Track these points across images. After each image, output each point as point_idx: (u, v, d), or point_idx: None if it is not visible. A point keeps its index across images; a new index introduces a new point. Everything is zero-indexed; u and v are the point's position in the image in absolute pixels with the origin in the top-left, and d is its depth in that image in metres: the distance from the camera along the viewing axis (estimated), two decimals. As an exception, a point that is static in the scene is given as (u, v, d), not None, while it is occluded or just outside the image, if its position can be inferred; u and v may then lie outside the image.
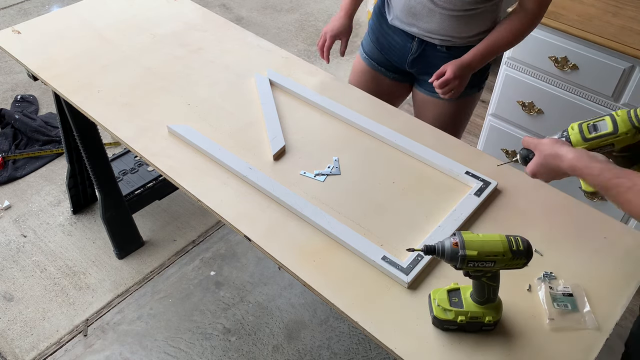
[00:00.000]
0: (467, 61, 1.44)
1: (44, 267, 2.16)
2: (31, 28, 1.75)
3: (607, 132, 1.00)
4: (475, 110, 2.97)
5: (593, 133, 1.01)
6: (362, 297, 1.04)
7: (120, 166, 2.25)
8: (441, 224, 1.16)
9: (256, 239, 1.14)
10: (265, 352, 1.90)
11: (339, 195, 1.24)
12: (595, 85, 1.87)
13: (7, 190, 2.48)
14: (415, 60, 1.59)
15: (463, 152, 1.34)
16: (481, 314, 0.96)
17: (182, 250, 2.24)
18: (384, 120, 1.42)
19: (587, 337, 0.98)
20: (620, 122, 0.99)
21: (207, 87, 1.54)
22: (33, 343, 1.91)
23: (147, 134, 1.39)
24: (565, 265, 1.10)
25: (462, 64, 1.44)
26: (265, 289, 2.09)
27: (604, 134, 1.01)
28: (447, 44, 1.51)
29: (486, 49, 1.44)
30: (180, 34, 1.76)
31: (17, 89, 3.07)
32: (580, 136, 1.03)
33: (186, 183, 1.27)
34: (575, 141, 1.04)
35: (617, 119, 1.00)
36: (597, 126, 1.02)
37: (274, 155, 1.32)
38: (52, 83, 1.54)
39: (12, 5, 3.83)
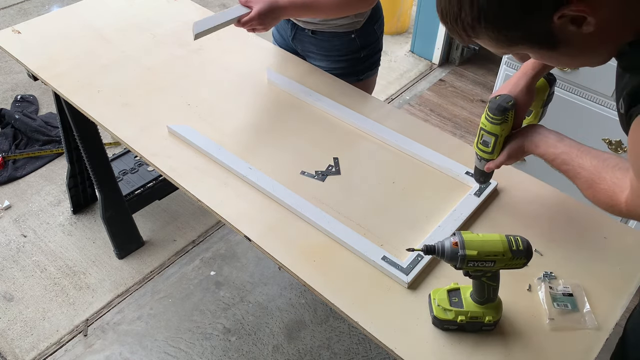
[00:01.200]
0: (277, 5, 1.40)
1: (44, 267, 2.16)
2: (31, 28, 1.75)
3: (494, 140, 1.06)
4: (475, 110, 2.99)
5: (489, 146, 1.08)
6: (362, 297, 1.04)
7: (120, 166, 2.25)
8: (441, 224, 1.16)
9: (256, 239, 1.14)
10: (265, 352, 1.90)
11: (339, 195, 1.24)
12: (595, 85, 1.87)
13: (7, 190, 2.48)
14: (294, 41, 1.69)
15: (463, 152, 1.34)
16: (481, 314, 0.96)
17: (182, 250, 2.24)
18: (384, 121, 1.42)
19: (587, 337, 0.98)
20: (491, 130, 1.05)
21: (207, 87, 1.54)
22: (33, 343, 1.91)
23: (147, 134, 1.39)
24: (565, 265, 1.10)
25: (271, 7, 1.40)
26: (265, 289, 2.09)
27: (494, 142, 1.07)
28: (310, 27, 1.59)
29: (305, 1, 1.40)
30: (181, 34, 1.76)
31: (17, 89, 3.07)
32: (486, 153, 1.09)
33: (186, 183, 1.27)
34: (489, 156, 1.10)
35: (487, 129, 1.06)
36: (485, 141, 1.08)
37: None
38: (52, 83, 1.54)
39: (12, 5, 3.83)
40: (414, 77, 3.27)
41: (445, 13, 0.75)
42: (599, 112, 1.91)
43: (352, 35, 1.58)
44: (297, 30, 1.66)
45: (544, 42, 0.73)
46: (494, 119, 1.05)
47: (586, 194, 0.93)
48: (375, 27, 1.63)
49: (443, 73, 3.29)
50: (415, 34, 3.37)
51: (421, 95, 3.12)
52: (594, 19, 0.66)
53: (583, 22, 0.67)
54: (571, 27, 0.69)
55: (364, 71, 1.69)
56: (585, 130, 1.97)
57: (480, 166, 1.14)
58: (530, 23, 0.70)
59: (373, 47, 1.67)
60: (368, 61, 1.68)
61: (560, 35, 0.71)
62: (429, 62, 3.37)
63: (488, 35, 0.74)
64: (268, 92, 1.54)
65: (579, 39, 0.70)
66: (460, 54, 3.30)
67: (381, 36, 1.69)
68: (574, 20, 0.68)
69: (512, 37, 0.73)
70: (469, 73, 3.28)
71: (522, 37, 0.73)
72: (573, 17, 0.67)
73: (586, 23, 0.67)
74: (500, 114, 1.04)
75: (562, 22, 0.68)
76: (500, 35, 0.73)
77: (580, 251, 1.12)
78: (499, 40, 0.74)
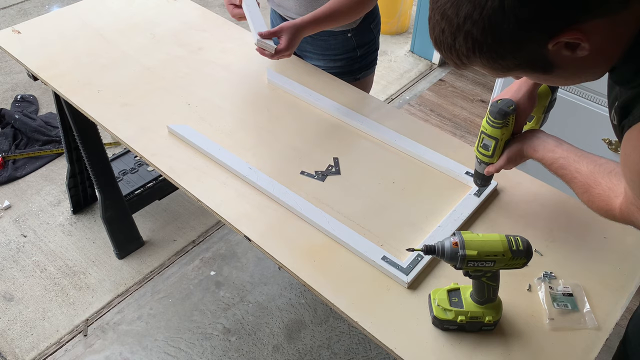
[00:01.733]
0: (299, 24, 1.41)
1: (44, 267, 2.16)
2: (31, 28, 1.75)
3: (494, 144, 1.07)
4: (475, 110, 2.99)
5: (489, 150, 1.09)
6: (362, 297, 1.04)
7: (120, 166, 2.25)
8: (441, 224, 1.16)
9: (256, 239, 1.14)
10: (265, 352, 1.90)
11: (339, 195, 1.24)
12: (595, 85, 1.87)
13: (7, 190, 2.48)
14: None
15: (463, 152, 1.34)
16: (481, 314, 0.96)
17: (182, 250, 2.24)
18: (384, 121, 1.42)
19: (587, 337, 0.98)
20: (492, 133, 1.06)
21: (207, 87, 1.54)
22: (33, 343, 1.91)
23: (147, 134, 1.39)
24: (565, 265, 1.10)
25: (296, 29, 1.41)
26: (265, 289, 2.09)
27: (494, 145, 1.08)
28: None
29: (321, 15, 1.41)
30: (180, 34, 1.76)
31: (17, 89, 3.07)
32: (486, 157, 1.10)
33: (186, 183, 1.27)
34: (489, 160, 1.11)
35: (488, 133, 1.07)
36: (486, 145, 1.09)
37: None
38: (52, 83, 1.54)
39: (12, 5, 3.83)
40: (414, 77, 3.27)
41: (439, 42, 0.75)
42: (599, 112, 1.91)
43: (348, 35, 1.58)
44: None
45: (538, 67, 0.73)
46: (495, 122, 1.05)
47: (582, 198, 0.94)
48: (371, 26, 1.63)
49: (443, 73, 3.29)
50: (415, 34, 3.37)
51: (421, 95, 3.13)
52: (588, 44, 0.67)
53: (577, 47, 0.68)
54: (565, 52, 0.69)
55: (361, 70, 1.69)
56: (585, 130, 1.97)
57: (480, 169, 1.15)
58: (524, 52, 0.71)
59: (369, 46, 1.67)
60: (365, 60, 1.68)
61: (555, 60, 0.71)
62: (429, 62, 3.38)
63: (482, 64, 0.74)
64: (268, 92, 1.54)
65: (573, 62, 0.71)
66: (460, 54, 3.30)
67: (378, 35, 1.69)
68: (567, 45, 0.68)
69: (506, 65, 0.73)
70: (469, 73, 3.28)
71: (516, 65, 0.73)
72: (567, 43, 0.68)
73: (580, 48, 0.68)
74: (501, 118, 1.04)
75: (556, 49, 0.69)
76: (495, 64, 0.73)
77: (580, 251, 1.12)
78: (494, 68, 0.75)
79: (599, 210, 0.92)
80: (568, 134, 2.05)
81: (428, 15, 0.76)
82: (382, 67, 3.32)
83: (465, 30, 0.69)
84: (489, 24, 0.67)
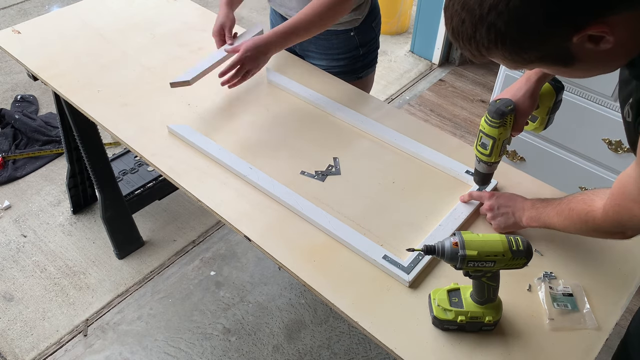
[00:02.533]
0: (263, 41, 1.39)
1: (44, 267, 2.16)
2: (31, 28, 1.75)
3: (492, 143, 1.08)
4: (475, 110, 2.99)
5: (487, 149, 1.09)
6: (362, 297, 1.04)
7: (120, 166, 2.25)
8: (441, 224, 1.16)
9: (256, 239, 1.14)
10: (265, 352, 1.90)
11: (339, 195, 1.24)
12: (595, 85, 1.87)
13: (7, 190, 2.48)
14: None
15: (463, 152, 1.34)
16: (481, 314, 0.96)
17: (182, 250, 2.24)
18: (384, 121, 1.42)
19: (587, 337, 0.98)
20: (490, 133, 1.07)
21: (207, 87, 1.54)
22: (33, 343, 1.91)
23: (147, 134, 1.39)
24: (565, 265, 1.10)
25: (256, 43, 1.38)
26: (265, 289, 2.09)
27: (492, 145, 1.08)
28: None
29: (288, 28, 1.39)
30: (180, 34, 1.76)
31: (17, 89, 3.07)
32: (484, 155, 1.11)
33: (186, 183, 1.27)
34: (487, 159, 1.11)
35: (486, 132, 1.08)
36: (484, 144, 1.10)
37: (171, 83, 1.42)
38: (52, 83, 1.54)
39: (12, 5, 3.83)
40: (414, 77, 3.27)
41: (457, 32, 0.73)
42: (599, 112, 1.91)
43: (351, 33, 1.58)
44: None
45: (560, 61, 0.73)
46: (492, 122, 1.05)
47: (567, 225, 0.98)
48: (373, 24, 1.63)
49: (443, 73, 3.29)
50: (415, 34, 3.37)
51: (421, 95, 3.13)
52: (612, 37, 0.66)
53: (601, 41, 0.67)
54: (589, 45, 0.68)
55: (363, 68, 1.69)
56: (585, 130, 1.97)
57: (480, 168, 1.15)
58: (548, 45, 0.70)
59: (371, 44, 1.67)
60: (367, 59, 1.68)
61: (577, 53, 0.70)
62: (429, 62, 3.38)
63: (504, 56, 0.73)
64: (268, 92, 1.54)
65: (595, 55, 0.70)
66: (460, 54, 3.30)
67: (379, 34, 1.69)
68: (591, 38, 0.67)
69: (528, 58, 0.72)
70: (469, 73, 3.28)
71: (538, 58, 0.72)
72: (591, 36, 0.67)
73: (604, 41, 0.67)
74: (499, 118, 1.05)
75: (580, 42, 0.68)
76: (516, 57, 0.72)
77: (580, 251, 1.12)
78: (515, 61, 0.74)
79: (579, 218, 0.94)
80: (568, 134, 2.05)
81: (444, 5, 0.75)
82: (382, 67, 3.32)
83: (489, 22, 0.68)
84: (515, 16, 0.66)
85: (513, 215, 1.10)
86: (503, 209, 1.12)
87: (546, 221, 1.02)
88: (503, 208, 1.12)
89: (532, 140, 2.15)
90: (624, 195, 0.82)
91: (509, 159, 2.24)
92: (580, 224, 0.94)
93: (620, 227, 0.87)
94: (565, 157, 2.08)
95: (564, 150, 2.08)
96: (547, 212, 1.02)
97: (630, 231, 0.87)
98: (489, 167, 1.14)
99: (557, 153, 2.10)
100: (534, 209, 1.06)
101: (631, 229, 0.86)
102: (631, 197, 0.80)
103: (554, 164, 2.12)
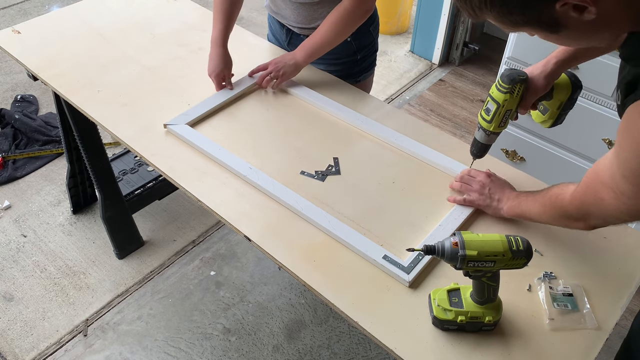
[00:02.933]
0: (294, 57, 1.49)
1: (44, 267, 2.16)
2: (31, 28, 1.75)
3: (495, 108, 1.10)
4: (475, 110, 2.99)
5: (489, 114, 1.12)
6: (362, 297, 1.04)
7: (120, 166, 2.24)
8: (441, 224, 1.16)
9: (256, 239, 1.14)
10: (265, 352, 1.90)
11: (339, 195, 1.24)
12: (595, 85, 1.87)
13: (7, 190, 2.48)
14: (290, 46, 1.69)
15: (463, 152, 1.34)
16: (481, 314, 0.96)
17: (182, 250, 2.24)
18: (384, 121, 1.42)
19: (587, 337, 0.98)
20: (496, 97, 1.09)
21: (207, 87, 1.54)
22: (33, 343, 1.91)
23: (147, 134, 1.39)
24: (565, 265, 1.10)
25: (284, 54, 1.51)
26: (265, 289, 2.09)
27: (495, 111, 1.10)
28: (305, 33, 1.60)
29: (312, 47, 1.48)
30: (180, 34, 1.76)
31: (17, 89, 3.07)
32: (485, 121, 1.13)
33: (186, 183, 1.27)
34: (486, 126, 1.13)
35: (493, 96, 1.10)
36: (488, 109, 1.12)
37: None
38: (52, 83, 1.54)
39: (12, 5, 3.83)
40: (413, 77, 3.27)
41: None
42: (599, 112, 1.91)
43: (348, 39, 1.58)
44: (292, 35, 1.66)
45: (546, 26, 0.75)
46: (501, 86, 1.07)
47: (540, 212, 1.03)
48: (370, 28, 1.63)
49: (443, 73, 3.29)
50: (415, 34, 3.37)
51: (421, 95, 3.13)
52: (594, 8, 0.68)
53: (584, 10, 0.70)
54: (573, 14, 0.71)
55: (361, 72, 1.69)
56: (585, 130, 1.97)
57: (478, 136, 1.17)
58: (533, 10, 0.73)
59: (369, 48, 1.67)
60: (365, 62, 1.68)
61: (563, 20, 0.73)
62: (429, 62, 3.38)
63: (494, 17, 0.77)
64: (268, 92, 1.54)
65: (580, 25, 0.73)
66: (460, 54, 3.30)
67: (377, 37, 1.69)
68: (575, 7, 0.70)
69: (515, 20, 0.75)
70: (469, 73, 3.28)
71: (525, 21, 0.75)
72: (575, 5, 0.69)
73: (587, 11, 0.69)
74: (509, 83, 1.07)
75: (564, 10, 0.70)
76: (504, 18, 0.76)
77: (580, 251, 1.12)
78: (504, 22, 0.77)
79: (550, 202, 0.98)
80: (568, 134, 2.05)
81: None
82: (382, 67, 3.32)
83: None
84: None
85: (498, 202, 1.14)
86: (491, 192, 1.15)
87: (524, 210, 1.07)
88: (492, 191, 1.15)
89: (532, 140, 2.15)
90: (595, 177, 0.85)
91: (509, 159, 2.24)
92: (550, 209, 0.98)
93: (583, 211, 0.89)
94: (565, 157, 2.08)
95: (564, 150, 2.08)
96: (527, 200, 1.06)
97: (592, 219, 0.89)
98: (487, 136, 1.15)
99: (557, 153, 2.10)
100: (516, 199, 1.10)
101: (594, 215, 0.88)
102: (600, 179, 0.83)
103: (554, 164, 2.12)
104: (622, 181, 0.78)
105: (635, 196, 0.77)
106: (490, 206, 1.16)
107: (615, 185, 0.79)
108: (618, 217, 0.84)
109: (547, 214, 1.00)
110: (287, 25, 1.63)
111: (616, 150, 0.78)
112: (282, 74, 1.48)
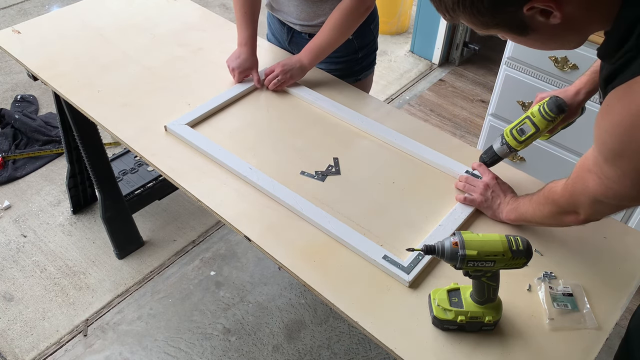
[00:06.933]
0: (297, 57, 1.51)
1: (44, 267, 2.16)
2: (31, 28, 1.75)
3: (532, 132, 1.12)
4: (475, 110, 2.99)
5: (523, 136, 1.13)
6: (362, 297, 1.04)
7: (120, 166, 2.25)
8: (441, 224, 1.16)
9: (256, 239, 1.14)
10: (265, 352, 1.90)
11: (339, 195, 1.24)
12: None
13: (7, 190, 2.48)
14: (291, 45, 1.69)
15: (463, 152, 1.34)
16: (481, 314, 0.96)
17: (182, 250, 2.24)
18: (384, 121, 1.43)
19: (587, 337, 0.98)
20: (537, 122, 1.11)
21: (207, 87, 1.54)
22: (33, 343, 1.91)
23: (147, 134, 1.39)
24: (565, 265, 1.10)
25: (291, 57, 1.53)
26: (265, 289, 2.09)
27: (530, 134, 1.13)
28: (307, 30, 1.60)
29: (317, 49, 1.49)
30: (180, 34, 1.76)
31: (17, 89, 3.07)
32: (515, 140, 1.15)
33: (186, 183, 1.27)
34: (514, 145, 1.15)
35: (534, 120, 1.12)
36: (523, 130, 1.13)
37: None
38: (52, 83, 1.54)
39: (12, 5, 3.83)
40: (413, 77, 3.27)
41: None
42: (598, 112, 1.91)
43: (350, 37, 1.58)
44: (293, 33, 1.66)
45: (516, 29, 0.77)
46: (548, 113, 1.09)
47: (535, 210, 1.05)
48: (371, 27, 1.64)
49: (443, 73, 3.29)
50: (415, 34, 3.37)
51: (421, 95, 3.13)
52: (559, 13, 0.71)
53: (550, 15, 0.72)
54: (540, 18, 0.73)
55: (362, 71, 1.70)
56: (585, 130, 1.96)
57: (499, 150, 1.18)
58: (502, 13, 0.75)
59: (369, 47, 1.67)
60: (365, 61, 1.68)
61: (531, 24, 0.75)
62: (429, 62, 3.38)
63: (466, 18, 0.78)
64: (268, 92, 1.54)
65: (547, 28, 0.75)
66: (460, 54, 3.30)
67: (377, 36, 1.70)
68: (542, 12, 0.72)
69: (486, 22, 0.77)
70: (469, 73, 3.28)
71: (495, 24, 0.77)
72: (542, 9, 0.71)
73: (552, 16, 0.71)
74: (557, 112, 1.09)
75: (531, 13, 0.72)
76: (475, 20, 0.77)
77: (580, 251, 1.12)
78: (475, 24, 0.79)
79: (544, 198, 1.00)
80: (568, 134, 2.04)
81: None
82: (382, 67, 3.32)
83: None
84: None
85: (498, 206, 1.15)
86: (494, 195, 1.16)
87: (522, 212, 1.08)
88: (495, 194, 1.16)
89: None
90: (581, 167, 0.87)
91: (509, 159, 2.24)
92: (544, 206, 1.00)
93: (573, 202, 0.91)
94: (565, 157, 2.08)
95: (564, 150, 2.08)
96: (524, 202, 1.09)
97: (582, 209, 0.91)
98: (509, 152, 1.17)
99: (557, 153, 2.10)
100: (515, 202, 1.12)
101: (583, 204, 0.89)
102: (586, 167, 0.85)
103: (554, 164, 2.12)
104: (605, 165, 0.80)
105: (619, 179, 0.79)
106: (490, 208, 1.16)
107: (600, 170, 0.81)
108: (607, 204, 0.86)
109: (542, 211, 1.01)
110: (289, 23, 1.63)
111: (596, 135, 0.80)
112: (290, 76, 1.50)
